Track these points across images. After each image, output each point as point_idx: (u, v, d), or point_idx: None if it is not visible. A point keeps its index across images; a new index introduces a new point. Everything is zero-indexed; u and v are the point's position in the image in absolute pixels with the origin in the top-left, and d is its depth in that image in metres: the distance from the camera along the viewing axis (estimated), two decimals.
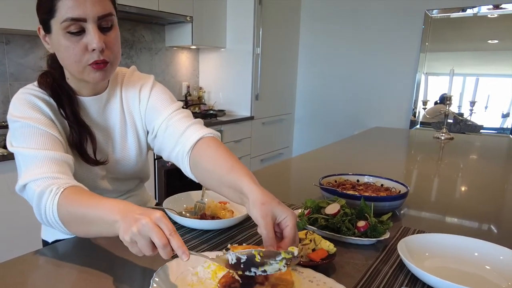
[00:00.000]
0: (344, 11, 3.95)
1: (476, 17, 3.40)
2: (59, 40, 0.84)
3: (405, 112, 3.78)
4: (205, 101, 3.94)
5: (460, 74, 3.42)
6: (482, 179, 1.61)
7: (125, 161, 1.06)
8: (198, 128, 0.96)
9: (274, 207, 0.72)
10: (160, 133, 1.00)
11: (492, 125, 3.38)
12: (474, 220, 1.13)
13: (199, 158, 0.92)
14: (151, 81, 1.05)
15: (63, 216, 0.77)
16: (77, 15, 0.80)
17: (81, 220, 0.75)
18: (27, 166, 0.83)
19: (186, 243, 0.88)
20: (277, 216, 0.72)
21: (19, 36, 2.47)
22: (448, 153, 2.17)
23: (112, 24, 0.88)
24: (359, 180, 1.27)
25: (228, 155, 0.88)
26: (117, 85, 1.04)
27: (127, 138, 1.05)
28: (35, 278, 0.77)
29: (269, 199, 0.73)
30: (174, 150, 0.97)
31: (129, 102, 1.04)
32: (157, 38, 3.50)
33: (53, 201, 0.77)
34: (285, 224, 0.71)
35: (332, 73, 4.14)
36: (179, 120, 0.98)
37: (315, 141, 4.24)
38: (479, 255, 0.81)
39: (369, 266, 0.80)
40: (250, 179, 0.78)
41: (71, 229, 0.79)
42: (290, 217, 0.71)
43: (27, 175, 0.81)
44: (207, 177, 0.91)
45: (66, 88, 0.94)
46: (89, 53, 0.85)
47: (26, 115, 0.87)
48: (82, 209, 0.75)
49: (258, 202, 0.72)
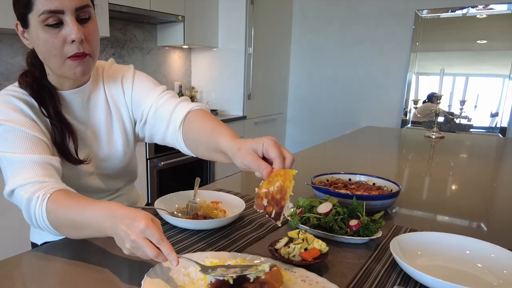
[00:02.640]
0: (335, 11, 3.97)
1: (465, 17, 3.44)
2: (38, 34, 0.84)
3: (397, 111, 3.81)
4: (197, 100, 3.93)
5: (450, 74, 3.46)
6: (473, 178, 1.63)
7: (113, 156, 1.05)
8: (186, 104, 0.98)
9: (249, 144, 0.74)
10: (150, 116, 1.01)
11: (482, 124, 3.42)
12: (465, 218, 1.14)
13: (189, 131, 0.94)
14: (131, 71, 1.06)
15: (53, 222, 0.78)
16: (55, 7, 0.80)
17: (72, 226, 0.76)
18: (13, 171, 0.83)
19: (178, 243, 0.88)
20: (256, 149, 0.74)
21: (9, 35, 2.43)
22: (439, 152, 2.19)
23: (89, 15, 0.87)
24: (351, 179, 1.27)
25: (211, 121, 0.90)
26: (99, 78, 1.03)
27: (113, 132, 1.04)
28: (24, 280, 0.76)
29: (241, 142, 0.76)
30: (168, 130, 0.98)
31: (113, 95, 1.04)
32: (148, 37, 3.47)
33: (41, 207, 0.77)
34: (266, 149, 0.73)
35: (324, 73, 4.15)
36: (167, 101, 1.00)
37: (307, 140, 4.25)
38: (470, 253, 0.81)
39: (361, 265, 0.80)
40: (226, 136, 0.81)
41: (63, 233, 0.81)
42: (266, 141, 0.73)
43: (13, 181, 0.81)
44: (198, 148, 0.93)
45: (47, 85, 0.93)
46: (69, 45, 0.84)
47: (8, 117, 0.86)
48: (70, 215, 0.75)
49: (235, 151, 0.76)
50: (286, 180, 0.69)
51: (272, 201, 0.70)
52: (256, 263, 0.68)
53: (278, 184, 0.69)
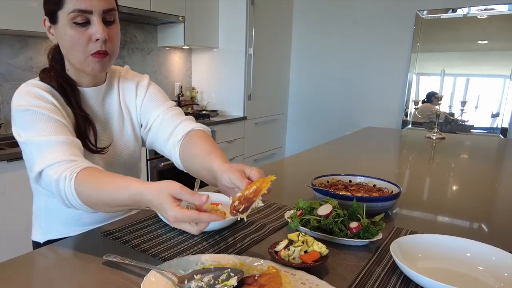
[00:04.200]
0: (336, 11, 3.96)
1: (466, 18, 3.43)
2: (65, 30, 0.90)
3: (397, 112, 3.80)
4: (197, 101, 3.93)
5: (451, 74, 3.45)
6: (474, 179, 1.62)
7: (124, 151, 1.10)
8: (190, 122, 1.08)
9: (241, 166, 0.82)
10: (155, 125, 1.09)
11: (482, 125, 3.41)
12: (466, 219, 1.14)
13: (186, 147, 1.01)
14: (147, 79, 1.15)
15: (86, 201, 0.82)
16: (85, 7, 0.88)
17: (103, 204, 0.81)
18: (40, 153, 0.85)
19: (178, 245, 0.88)
20: (244, 169, 0.81)
21: (9, 36, 2.43)
22: (439, 153, 2.18)
23: (114, 19, 0.95)
24: (351, 180, 1.26)
25: (210, 143, 0.99)
26: (115, 79, 1.11)
27: (124, 128, 1.11)
28: (26, 282, 0.76)
29: (234, 164, 0.83)
30: (168, 141, 1.06)
31: (126, 95, 1.11)
32: (149, 38, 3.47)
33: (70, 187, 0.80)
34: (253, 174, 0.80)
35: (325, 73, 4.15)
36: (173, 116, 1.09)
37: (307, 141, 4.24)
38: (471, 256, 0.81)
39: (361, 268, 0.80)
40: (220, 159, 0.89)
41: (99, 209, 0.84)
42: (254, 169, 0.80)
43: (41, 162, 0.84)
44: (191, 163, 1.00)
45: (68, 79, 0.99)
46: (93, 43, 0.91)
47: (33, 103, 0.90)
48: (100, 195, 0.79)
49: (225, 168, 0.83)
50: (263, 182, 0.73)
51: (244, 200, 0.72)
52: (228, 270, 0.69)
53: (254, 187, 0.73)
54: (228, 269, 0.68)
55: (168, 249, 0.87)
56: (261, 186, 0.72)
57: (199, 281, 0.66)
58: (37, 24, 2.16)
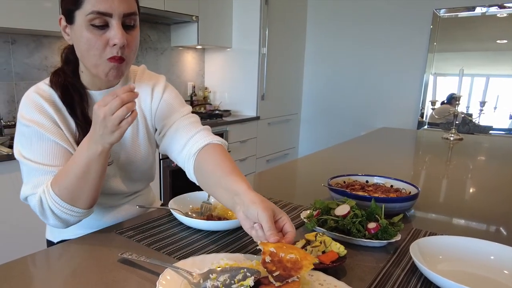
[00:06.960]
0: (351, 11, 3.92)
1: (485, 17, 3.36)
2: (82, 32, 0.84)
3: (413, 112, 3.74)
4: (210, 101, 3.93)
5: (468, 74, 3.38)
6: (492, 181, 1.58)
7: (137, 159, 1.05)
8: (207, 134, 0.99)
9: (273, 206, 0.73)
10: (170, 133, 1.02)
11: (501, 126, 3.34)
12: (484, 221, 1.11)
13: (203, 161, 0.93)
14: (163, 81, 1.08)
15: (65, 197, 0.84)
16: (104, 9, 0.82)
17: (78, 184, 0.83)
18: (29, 178, 0.89)
19: (192, 244, 0.87)
20: (276, 213, 0.72)
21: (24, 35, 2.47)
22: (457, 154, 2.14)
23: (134, 23, 0.88)
24: (368, 181, 1.24)
25: (230, 161, 0.90)
26: (130, 82, 1.05)
27: (138, 136, 1.05)
28: (40, 278, 0.76)
29: (266, 200, 0.74)
30: (182, 152, 0.98)
31: (141, 100, 1.05)
32: (162, 38, 3.49)
33: (50, 194, 0.84)
34: (282, 221, 0.72)
35: (339, 73, 4.11)
36: (189, 124, 1.01)
37: (321, 141, 4.21)
38: (495, 259, 0.78)
39: (380, 269, 0.78)
40: (247, 185, 0.79)
41: (81, 202, 0.86)
42: (286, 216, 0.73)
43: (27, 189, 0.88)
44: (206, 178, 0.92)
45: (77, 85, 0.95)
46: (110, 48, 0.85)
47: (34, 118, 0.89)
48: (70, 174, 0.83)
49: (257, 200, 0.73)
50: (304, 260, 0.65)
51: (279, 264, 0.65)
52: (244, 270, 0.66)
53: (293, 256, 0.65)
54: (245, 269, 0.67)
55: (183, 247, 0.86)
56: (302, 264, 0.64)
57: (214, 280, 0.65)
58: (51, 24, 2.19)
